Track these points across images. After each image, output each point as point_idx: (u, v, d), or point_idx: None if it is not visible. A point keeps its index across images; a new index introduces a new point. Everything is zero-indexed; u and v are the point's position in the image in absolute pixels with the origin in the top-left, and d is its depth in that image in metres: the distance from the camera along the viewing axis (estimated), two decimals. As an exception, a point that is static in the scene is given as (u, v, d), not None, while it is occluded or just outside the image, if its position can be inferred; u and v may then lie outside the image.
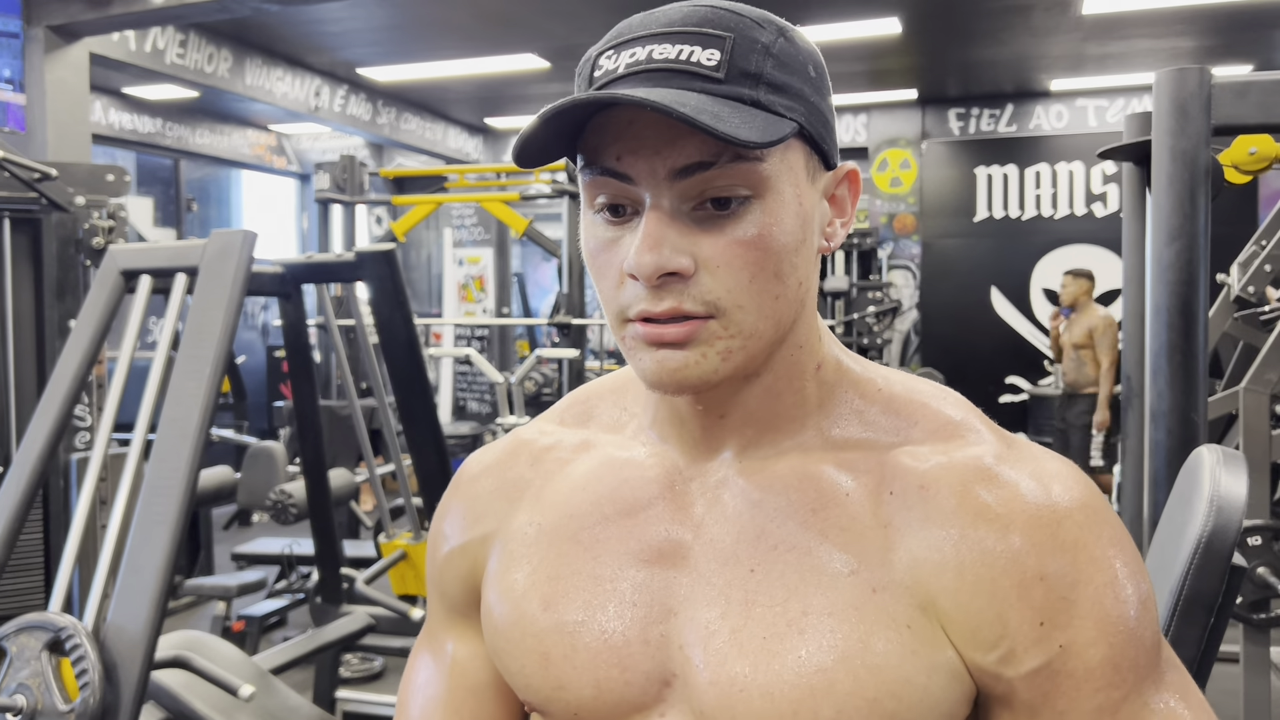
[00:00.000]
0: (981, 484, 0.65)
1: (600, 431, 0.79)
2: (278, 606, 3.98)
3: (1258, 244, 4.02)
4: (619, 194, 0.64)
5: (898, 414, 0.71)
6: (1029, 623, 0.62)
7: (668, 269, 0.62)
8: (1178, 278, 1.91)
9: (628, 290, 0.64)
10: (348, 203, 5.83)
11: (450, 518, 0.81)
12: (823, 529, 0.67)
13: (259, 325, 8.72)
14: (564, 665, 0.70)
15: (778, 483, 0.69)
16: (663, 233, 0.62)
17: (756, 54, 0.62)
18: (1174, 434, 1.91)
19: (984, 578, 0.63)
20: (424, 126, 8.10)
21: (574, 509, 0.74)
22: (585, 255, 0.67)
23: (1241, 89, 1.87)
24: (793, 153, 0.65)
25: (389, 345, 2.55)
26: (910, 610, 0.64)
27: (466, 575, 0.79)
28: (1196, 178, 1.89)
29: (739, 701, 0.64)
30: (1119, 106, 7.40)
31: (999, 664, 0.63)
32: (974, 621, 0.63)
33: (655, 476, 0.73)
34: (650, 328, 0.64)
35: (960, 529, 0.64)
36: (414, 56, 6.48)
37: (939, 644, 0.64)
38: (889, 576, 0.65)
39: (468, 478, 0.81)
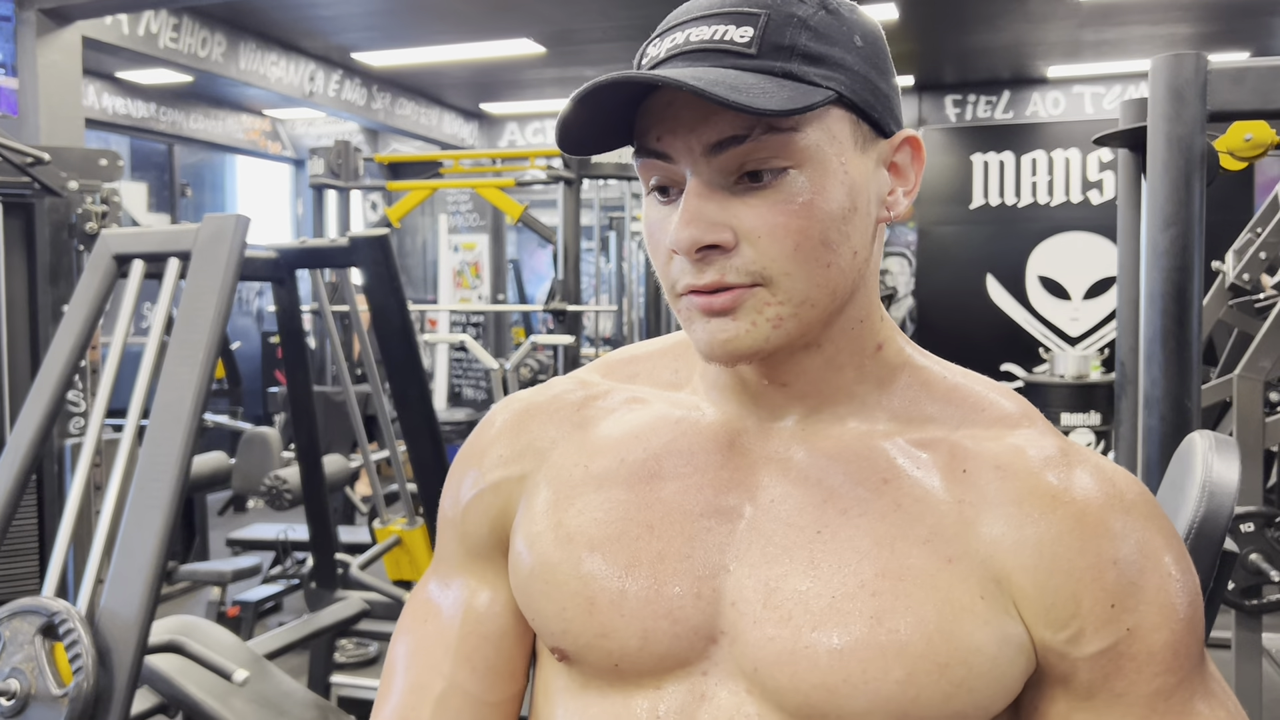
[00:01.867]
0: (1055, 469, 0.67)
1: (650, 388, 0.78)
2: (273, 592, 3.99)
3: (1253, 231, 4.02)
4: (664, 174, 0.66)
5: (961, 403, 0.72)
6: (1101, 604, 0.64)
7: (704, 242, 0.63)
8: (1172, 264, 1.91)
9: (675, 265, 0.66)
10: (342, 188, 5.81)
11: (479, 459, 0.79)
12: (896, 498, 0.67)
13: (254, 311, 8.70)
14: (610, 612, 0.68)
15: (846, 450, 0.70)
16: (700, 207, 0.64)
17: (791, 27, 0.63)
18: (1167, 420, 1.91)
19: (1060, 557, 0.64)
20: (419, 112, 8.08)
21: (626, 455, 0.73)
22: (645, 232, 0.69)
23: (1238, 75, 1.87)
24: (836, 122, 0.65)
25: (383, 331, 2.54)
26: (985, 582, 0.65)
27: (497, 516, 0.77)
28: (1192, 164, 1.88)
29: (804, 658, 0.64)
30: (1116, 93, 7.38)
31: (1067, 643, 0.64)
32: (1048, 600, 0.64)
33: (715, 434, 0.73)
34: (700, 298, 0.65)
35: (1038, 509, 0.65)
36: (409, 41, 6.45)
37: (1010, 617, 0.65)
38: (964, 548, 0.65)
39: (503, 419, 0.80)
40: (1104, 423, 5.96)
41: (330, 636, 2.86)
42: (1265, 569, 2.58)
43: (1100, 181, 6.78)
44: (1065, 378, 6.05)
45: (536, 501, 0.74)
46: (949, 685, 0.63)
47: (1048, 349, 6.69)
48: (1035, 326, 6.92)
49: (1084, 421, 6.00)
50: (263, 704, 2.11)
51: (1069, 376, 6.04)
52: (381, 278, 2.48)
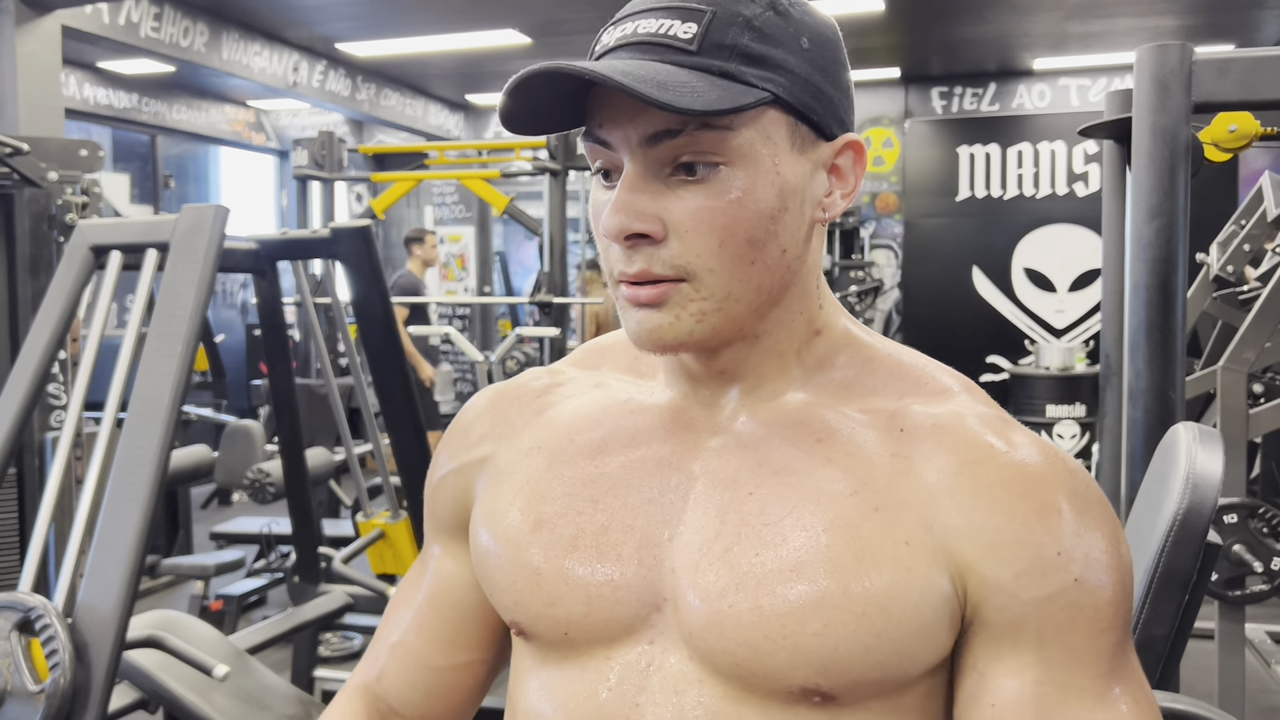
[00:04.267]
0: (995, 431, 0.68)
1: (612, 373, 0.82)
2: (256, 586, 3.97)
3: (1237, 223, 4.03)
4: (607, 159, 0.68)
5: (904, 377, 0.73)
6: (1048, 547, 0.64)
7: (630, 230, 0.66)
8: (1157, 255, 1.91)
9: (612, 252, 0.68)
10: (326, 179, 5.77)
11: (449, 443, 0.84)
12: (827, 454, 0.69)
13: (238, 303, 8.66)
14: (556, 582, 0.72)
15: (784, 418, 0.72)
16: (632, 198, 0.66)
17: (735, 27, 0.64)
18: (1151, 412, 1.91)
19: (1001, 498, 0.65)
20: (404, 103, 8.03)
21: (576, 435, 0.77)
22: (591, 216, 0.72)
23: (1222, 66, 1.87)
24: (772, 123, 0.66)
25: (365, 323, 2.52)
26: (912, 527, 0.65)
27: (459, 496, 0.82)
28: (1177, 155, 1.88)
29: (727, 618, 0.66)
30: (1101, 86, 7.40)
31: (1015, 581, 0.64)
32: (991, 538, 0.64)
33: (663, 412, 0.76)
34: (629, 289, 0.67)
35: (976, 455, 0.66)
36: (394, 31, 6.41)
37: (936, 567, 0.65)
38: (892, 497, 0.66)
39: (473, 408, 0.85)
40: (1089, 414, 5.98)
41: (314, 631, 2.85)
42: (1248, 560, 2.59)
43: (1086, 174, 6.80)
44: (1050, 369, 6.06)
45: (493, 482, 0.79)
46: (868, 635, 0.63)
47: (1033, 341, 6.71)
48: (1021, 318, 6.94)
49: (1069, 413, 6.03)
50: (244, 699, 2.09)
51: (1054, 368, 6.06)
52: (363, 269, 2.46)
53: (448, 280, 8.87)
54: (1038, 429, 5.95)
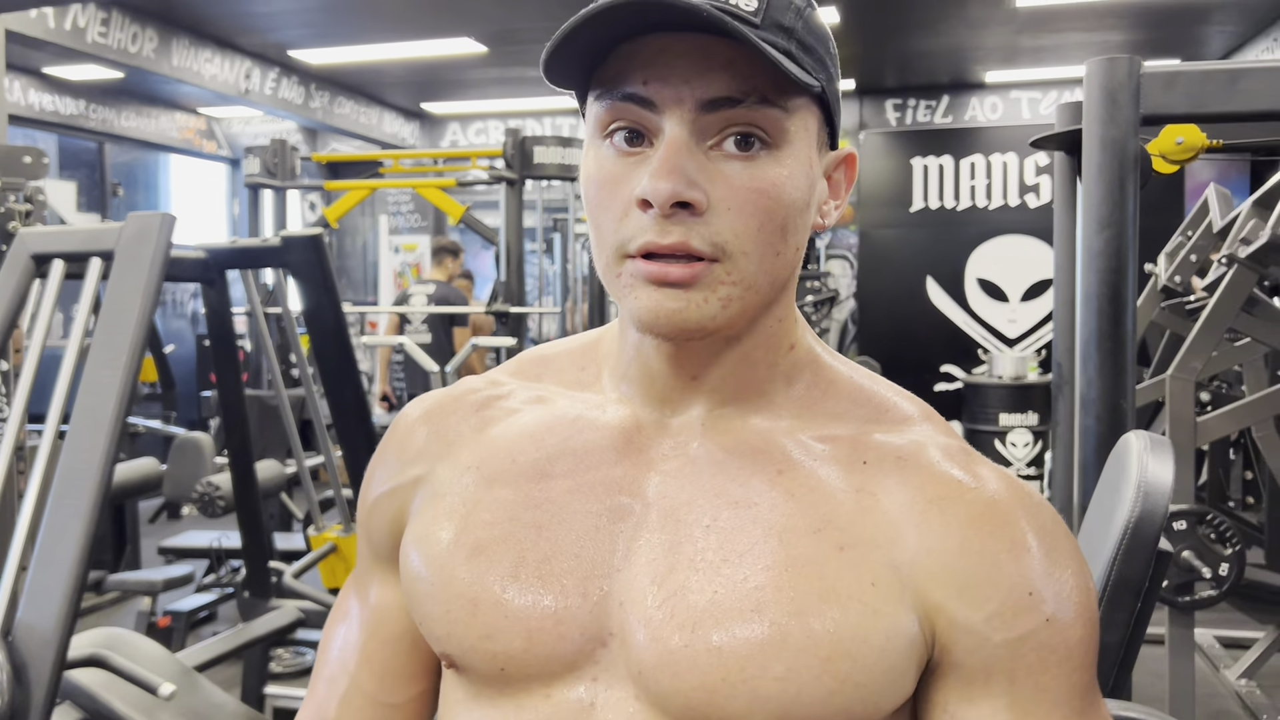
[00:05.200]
0: (960, 464, 0.66)
1: (556, 386, 0.76)
2: (206, 601, 3.89)
3: (1184, 234, 4.10)
4: (640, 122, 0.63)
5: (865, 403, 0.71)
6: (1019, 588, 0.62)
7: (683, 197, 0.60)
8: (1107, 265, 1.93)
9: (632, 222, 0.62)
10: (279, 188, 5.70)
11: (382, 461, 0.78)
12: (789, 488, 0.66)
13: (188, 313, 8.52)
14: (494, 613, 0.66)
15: (743, 444, 0.68)
16: (681, 161, 0.61)
17: (790, 12, 0.63)
18: (1103, 421, 1.93)
19: (972, 539, 0.63)
20: (359, 111, 7.96)
21: (518, 456, 0.71)
22: (588, 187, 0.66)
23: (1169, 79, 1.90)
24: (811, 117, 0.65)
25: (317, 334, 2.48)
26: (878, 567, 0.63)
27: (393, 519, 0.76)
28: (1126, 166, 1.91)
29: (682, 658, 0.62)
30: (1052, 99, 7.51)
31: (986, 623, 0.62)
32: (962, 579, 0.62)
33: (614, 431, 0.71)
34: (654, 265, 0.62)
35: (943, 491, 0.64)
36: (348, 39, 6.36)
37: (903, 607, 0.62)
38: (858, 535, 0.64)
39: (405, 422, 0.78)
40: (1041, 423, 6.05)
41: (264, 646, 2.79)
42: (1197, 566, 2.62)
43: (1037, 185, 6.89)
44: (1003, 378, 6.13)
45: (427, 505, 0.73)
46: (832, 680, 0.60)
47: (986, 350, 6.78)
48: (974, 328, 7.01)
49: (1021, 422, 6.09)
50: (191, 718, 2.04)
51: (1007, 377, 6.13)
52: (315, 279, 2.42)
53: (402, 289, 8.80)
54: (991, 437, 6.02)
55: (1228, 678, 3.44)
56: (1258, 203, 3.39)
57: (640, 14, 0.59)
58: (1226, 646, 3.76)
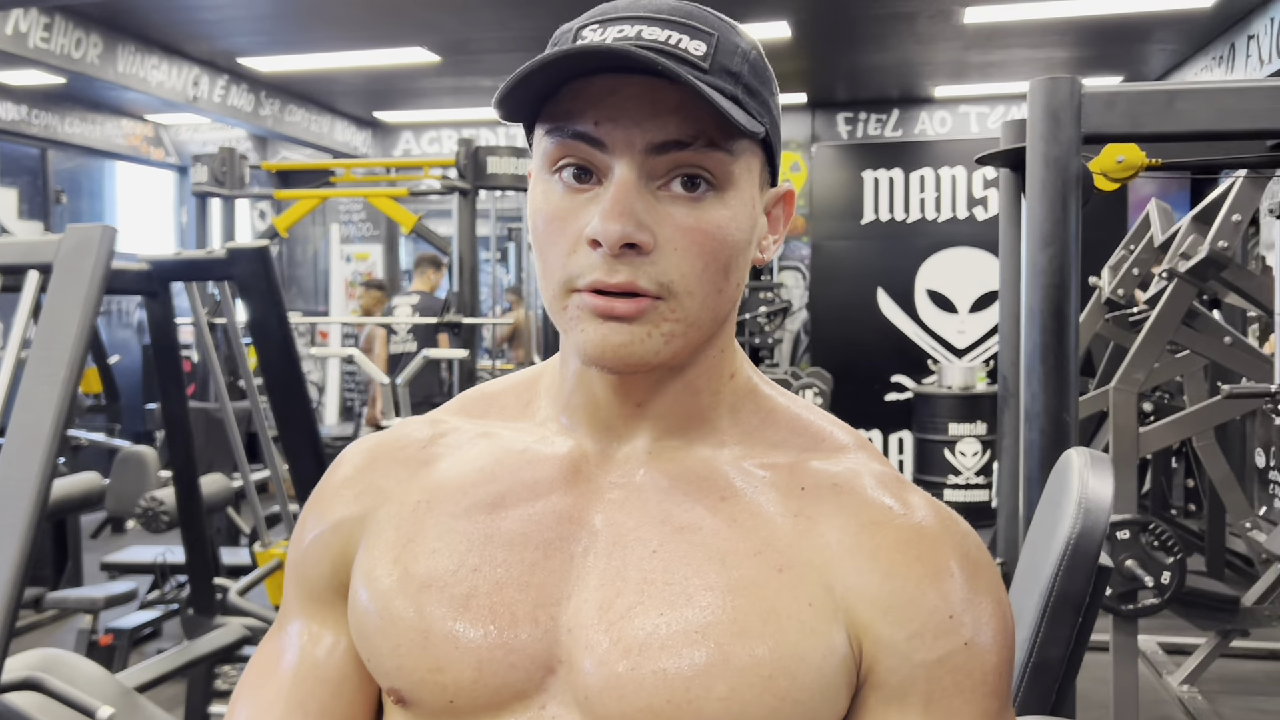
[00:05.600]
0: (891, 491, 0.69)
1: (500, 422, 0.77)
2: (149, 619, 3.81)
3: (1126, 248, 4.18)
4: (589, 160, 0.64)
5: (803, 432, 0.73)
6: (940, 611, 0.65)
7: (632, 239, 0.62)
8: (1050, 281, 1.96)
9: (580, 258, 0.64)
10: (227, 196, 5.62)
11: (322, 501, 0.78)
12: (731, 514, 0.68)
13: (134, 323, 8.37)
14: (444, 645, 0.67)
15: (688, 472, 0.70)
16: (631, 203, 0.63)
17: (737, 56, 0.65)
18: (1047, 434, 1.96)
19: (899, 562, 0.66)
20: (310, 119, 7.88)
21: (468, 489, 0.72)
22: (535, 219, 0.67)
23: (1109, 99, 1.93)
24: (754, 159, 0.68)
25: (263, 346, 2.45)
26: (814, 588, 0.65)
27: (336, 557, 0.75)
28: (1068, 184, 1.94)
29: (628, 682, 0.63)
30: (999, 113, 7.64)
31: (908, 642, 0.64)
32: (887, 600, 0.65)
33: (560, 462, 0.72)
34: (601, 300, 0.63)
35: (876, 520, 0.67)
36: (299, 47, 6.30)
37: (836, 626, 0.65)
38: (795, 557, 0.66)
39: (346, 463, 0.78)
40: (989, 432, 6.13)
41: (209, 665, 2.74)
42: (1140, 575, 2.67)
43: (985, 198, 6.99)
44: (953, 389, 6.20)
45: (376, 540, 0.73)
46: (773, 699, 0.62)
47: (936, 360, 6.86)
48: (924, 339, 7.09)
49: (970, 431, 6.17)
50: (131, 740, 2.00)
51: (956, 387, 6.20)
52: (261, 291, 2.39)
53: (354, 299, 8.71)
54: (940, 447, 6.08)
55: (1170, 684, 3.50)
56: (1197, 218, 3.47)
57: (595, 58, 0.61)
58: (1169, 653, 3.83)
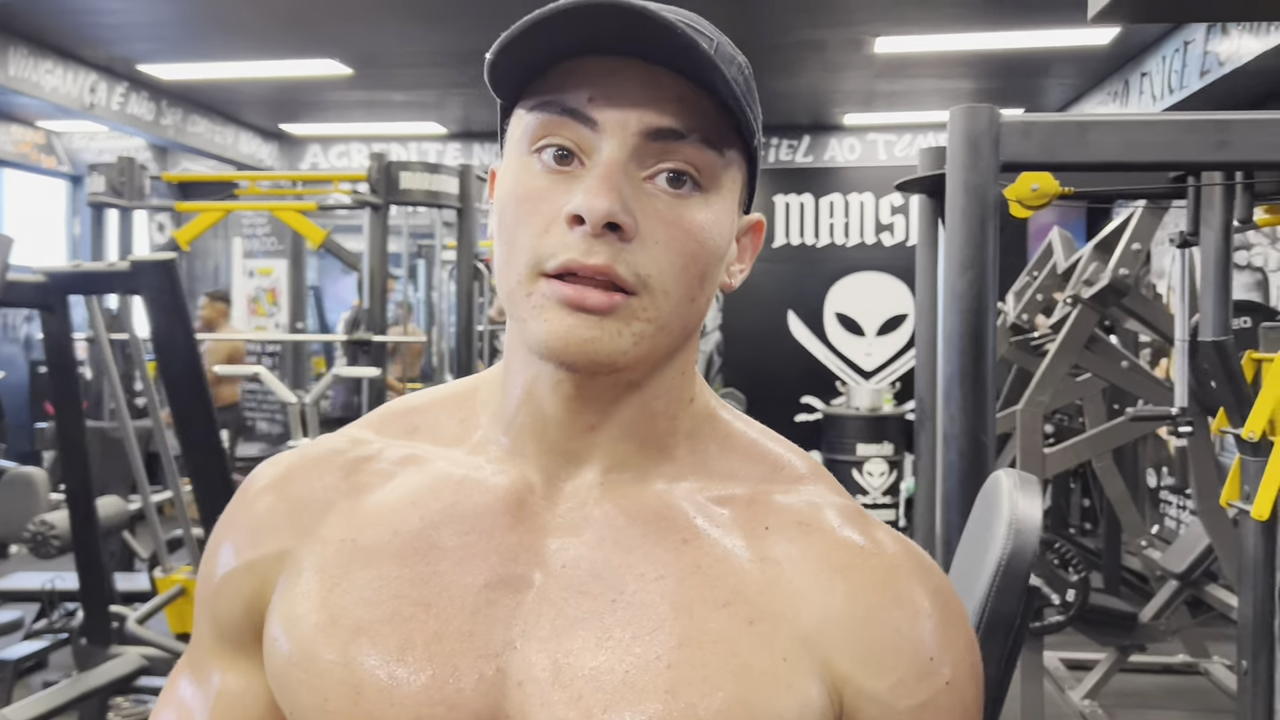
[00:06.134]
0: (857, 525, 0.66)
1: (432, 444, 0.70)
2: (36, 649, 3.61)
3: (1030, 275, 4.32)
4: (574, 139, 0.60)
5: (760, 460, 0.70)
6: (920, 655, 0.62)
7: (617, 218, 0.58)
8: (969, 306, 2.00)
9: (553, 238, 0.60)
10: (125, 208, 5.42)
11: (234, 531, 0.70)
12: (696, 559, 0.63)
13: (20, 338, 7.99)
14: (379, 700, 0.61)
15: (646, 510, 0.65)
16: (619, 182, 0.59)
17: (735, 65, 0.63)
18: (965, 456, 1.99)
19: (875, 607, 0.63)
20: (214, 129, 7.66)
21: (400, 526, 0.66)
22: (504, 202, 0.62)
23: (1025, 129, 1.98)
24: (739, 171, 0.65)
25: (167, 363, 2.35)
26: (788, 643, 0.62)
27: (250, 597, 0.69)
28: (986, 211, 1.98)
29: None
30: (907, 141, 7.83)
31: (891, 691, 0.62)
32: (868, 650, 0.62)
33: (503, 493, 0.66)
34: (571, 289, 0.59)
35: (846, 559, 0.64)
36: (204, 55, 6.12)
37: (813, 679, 0.61)
38: (767, 608, 0.62)
39: (259, 488, 0.71)
40: (896, 453, 6.24)
41: (103, 697, 2.61)
42: (1046, 592, 2.73)
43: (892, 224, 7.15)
44: (860, 410, 6.31)
45: (297, 581, 0.66)
46: None
47: (844, 382, 6.97)
48: (833, 361, 7.20)
49: (878, 451, 6.27)
50: (19, 781, 1.88)
51: (864, 409, 6.31)
52: (166, 306, 2.30)
53: (257, 315, 8.48)
54: (848, 467, 6.17)
55: (1073, 698, 3.59)
56: (1098, 247, 3.60)
57: (611, 18, 0.57)
58: (1071, 668, 3.93)
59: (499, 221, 0.63)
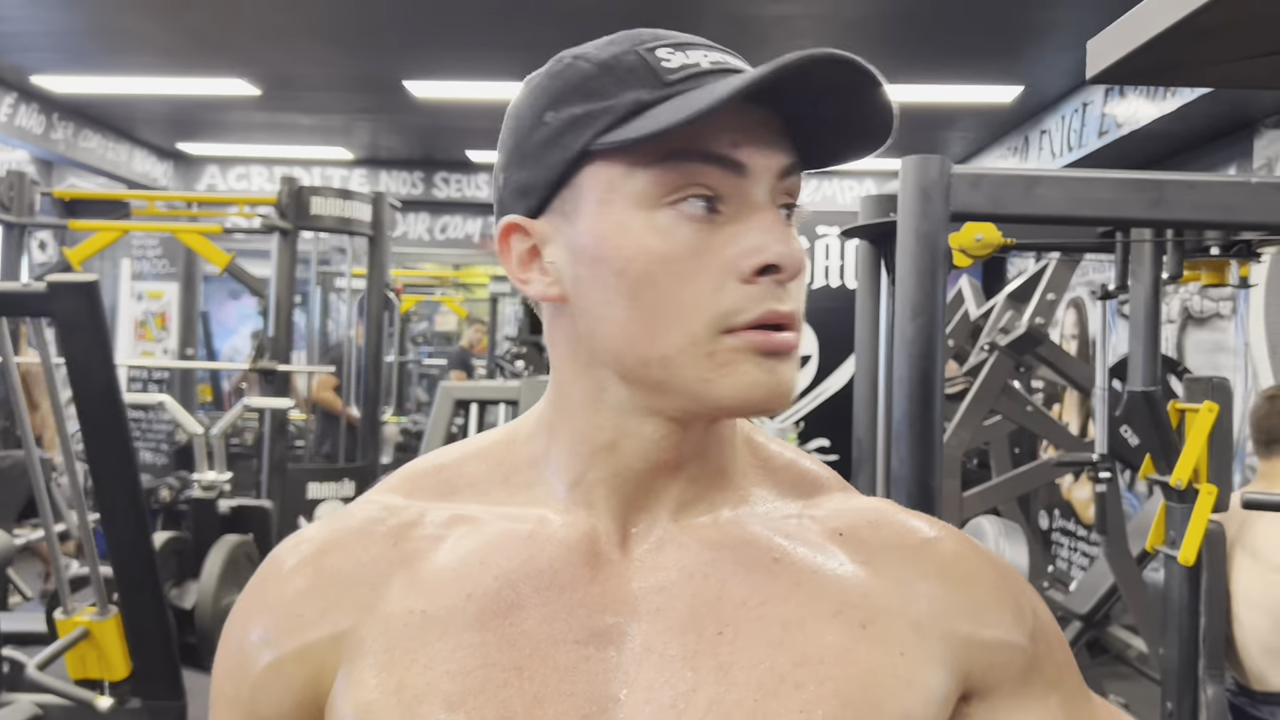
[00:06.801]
0: (905, 512, 0.68)
1: (478, 503, 0.66)
2: (-96, 695, 3.34)
3: (943, 321, 4.44)
4: (718, 186, 0.59)
5: (800, 479, 0.70)
6: (1011, 595, 0.66)
7: (805, 263, 0.60)
8: (918, 351, 2.03)
9: (733, 292, 0.58)
10: (11, 224, 5.15)
11: (268, 617, 0.64)
12: (794, 576, 0.63)
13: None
14: None
15: (726, 539, 0.64)
16: (787, 227, 0.60)
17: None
18: (914, 498, 2.01)
19: (967, 569, 0.66)
20: (106, 145, 7.36)
21: (473, 589, 0.61)
22: (647, 260, 0.59)
23: (975, 180, 2.03)
24: None
25: (83, 391, 2.22)
26: (902, 634, 0.62)
27: (304, 689, 0.63)
28: (936, 258, 2.02)
29: None
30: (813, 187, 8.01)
31: (1015, 627, 0.65)
32: (978, 606, 0.65)
33: (576, 545, 0.63)
34: (771, 336, 0.59)
35: (919, 539, 0.66)
36: (102, 68, 5.88)
37: (931, 664, 0.62)
38: (873, 607, 0.63)
39: (290, 567, 0.65)
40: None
41: (-11, 749, 2.42)
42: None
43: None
44: (768, 449, 6.38)
45: (364, 663, 0.61)
46: None
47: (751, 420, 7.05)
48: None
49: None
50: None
51: (772, 448, 6.38)
52: (85, 330, 2.17)
53: (145, 340, 8.13)
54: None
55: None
56: (1012, 296, 3.72)
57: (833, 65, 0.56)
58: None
59: (636, 278, 0.59)
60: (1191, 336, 5.00)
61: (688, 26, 0.69)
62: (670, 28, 0.64)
